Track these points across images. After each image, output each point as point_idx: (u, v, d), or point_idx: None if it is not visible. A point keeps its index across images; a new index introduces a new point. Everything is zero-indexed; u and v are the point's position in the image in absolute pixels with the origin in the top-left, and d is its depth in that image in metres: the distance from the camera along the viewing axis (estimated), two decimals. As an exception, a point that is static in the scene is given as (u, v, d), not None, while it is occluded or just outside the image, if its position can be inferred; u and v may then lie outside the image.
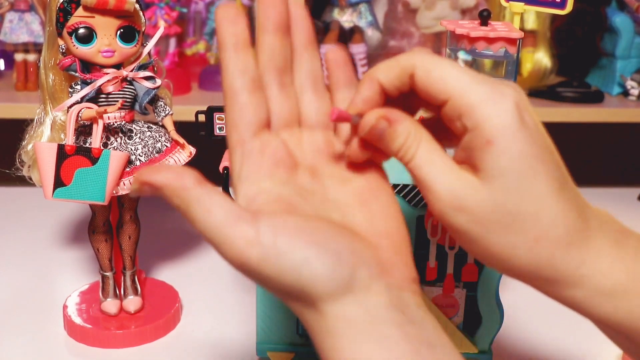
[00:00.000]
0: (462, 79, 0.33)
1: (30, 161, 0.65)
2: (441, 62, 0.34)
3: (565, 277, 0.34)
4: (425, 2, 1.10)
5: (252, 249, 0.31)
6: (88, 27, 0.60)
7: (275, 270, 0.32)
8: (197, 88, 1.12)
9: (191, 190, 0.33)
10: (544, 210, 0.33)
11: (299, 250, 0.32)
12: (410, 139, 0.34)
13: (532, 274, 0.34)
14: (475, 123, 0.33)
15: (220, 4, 0.35)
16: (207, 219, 0.32)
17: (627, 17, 1.11)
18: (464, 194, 0.33)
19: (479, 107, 0.32)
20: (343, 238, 0.33)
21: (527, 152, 0.32)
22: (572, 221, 0.34)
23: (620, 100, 1.11)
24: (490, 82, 0.33)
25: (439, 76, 0.33)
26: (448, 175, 0.34)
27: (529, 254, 0.34)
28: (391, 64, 0.35)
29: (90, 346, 0.67)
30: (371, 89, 0.35)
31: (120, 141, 0.63)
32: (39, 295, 0.77)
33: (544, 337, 0.70)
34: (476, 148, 0.33)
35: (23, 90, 1.04)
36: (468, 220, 0.33)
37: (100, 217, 0.68)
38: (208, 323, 0.72)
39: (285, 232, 0.32)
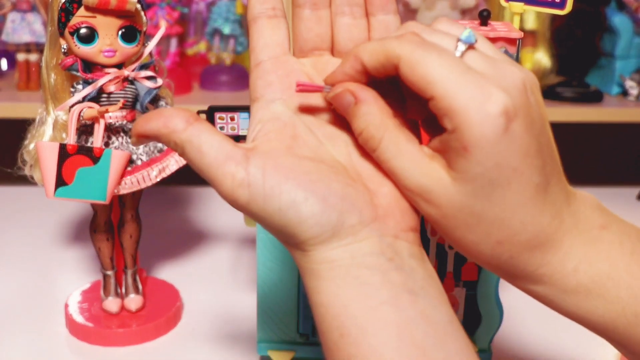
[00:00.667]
0: (446, 79, 0.31)
1: (32, 160, 0.65)
2: (427, 55, 0.31)
3: (525, 274, 0.34)
4: (426, 2, 1.10)
5: (240, 189, 0.32)
6: (90, 27, 0.60)
7: (262, 210, 0.32)
8: (198, 88, 1.12)
9: (181, 133, 0.33)
10: (511, 218, 0.33)
11: (286, 193, 0.32)
12: (373, 128, 0.33)
13: (495, 268, 0.35)
14: (454, 126, 0.31)
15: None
16: (199, 159, 0.33)
17: (626, 17, 1.11)
18: (432, 189, 0.33)
19: (460, 112, 0.30)
20: (336, 182, 0.33)
21: (503, 163, 0.31)
22: (542, 226, 0.33)
23: (620, 100, 1.11)
24: (480, 82, 0.31)
25: (423, 73, 0.31)
26: (416, 170, 0.33)
27: (491, 253, 0.34)
28: (377, 49, 0.33)
29: (92, 344, 0.67)
30: (353, 69, 0.34)
31: (121, 140, 0.64)
32: (40, 294, 0.77)
33: (544, 336, 0.70)
34: (452, 150, 0.32)
35: (25, 89, 1.04)
36: (436, 213, 0.33)
37: (102, 216, 0.68)
38: (209, 321, 0.72)
39: (274, 173, 0.32)
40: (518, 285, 0.36)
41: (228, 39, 1.11)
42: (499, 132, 0.30)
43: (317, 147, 0.35)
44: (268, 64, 0.36)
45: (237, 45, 1.12)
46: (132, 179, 0.63)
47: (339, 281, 0.32)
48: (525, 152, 0.31)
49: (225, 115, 0.64)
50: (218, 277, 0.81)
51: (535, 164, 0.32)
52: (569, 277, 0.34)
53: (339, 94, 0.34)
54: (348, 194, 0.33)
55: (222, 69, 1.10)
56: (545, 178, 0.33)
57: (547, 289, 0.35)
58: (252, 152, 0.33)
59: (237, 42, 1.12)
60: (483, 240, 0.33)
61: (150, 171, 0.64)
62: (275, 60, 0.37)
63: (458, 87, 0.31)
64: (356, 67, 0.34)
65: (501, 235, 0.33)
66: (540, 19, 1.12)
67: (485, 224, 0.33)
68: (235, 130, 0.64)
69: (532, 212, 0.33)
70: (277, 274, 0.61)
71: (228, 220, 0.94)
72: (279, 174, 0.32)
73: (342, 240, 0.32)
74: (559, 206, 0.34)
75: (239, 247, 0.88)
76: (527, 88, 0.32)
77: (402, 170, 0.33)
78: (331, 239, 0.32)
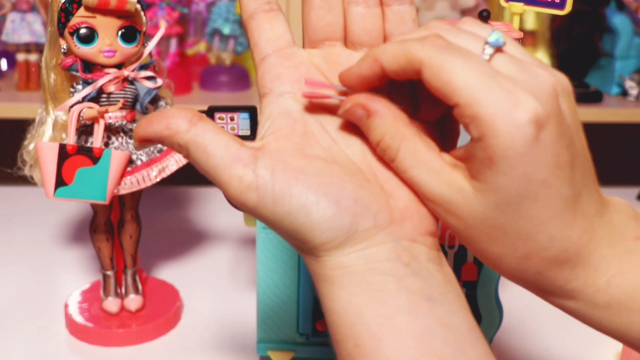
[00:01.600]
0: (472, 85, 0.29)
1: (31, 161, 0.65)
2: (452, 60, 0.29)
3: (554, 289, 0.33)
4: (425, 3, 1.10)
5: (249, 192, 0.30)
6: (89, 27, 0.60)
7: (272, 214, 0.31)
8: (198, 88, 1.12)
9: (185, 134, 0.31)
10: (538, 232, 0.31)
11: (296, 196, 0.30)
12: (389, 137, 0.32)
13: (521, 281, 0.33)
14: (480, 135, 0.29)
15: None
16: (204, 161, 0.31)
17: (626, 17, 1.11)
18: (453, 200, 0.31)
19: (487, 120, 0.29)
20: (349, 184, 0.31)
21: (531, 175, 0.29)
22: (571, 241, 0.31)
23: (619, 100, 1.11)
24: (508, 88, 0.29)
25: (448, 79, 0.29)
26: (436, 180, 0.31)
27: (517, 267, 0.32)
28: (398, 53, 0.31)
29: (92, 344, 0.67)
30: (371, 71, 0.32)
31: (121, 141, 0.64)
32: (40, 294, 0.77)
33: (544, 336, 0.70)
34: (477, 159, 0.30)
35: (25, 90, 1.04)
36: (457, 225, 0.32)
37: (102, 217, 0.68)
38: (209, 322, 0.72)
39: (284, 175, 0.30)
40: (547, 299, 0.34)
41: (228, 39, 1.11)
42: (528, 141, 0.29)
43: (330, 146, 0.33)
44: (274, 57, 0.35)
45: (237, 45, 1.12)
46: (132, 179, 0.63)
47: (352, 288, 0.31)
48: (554, 163, 0.29)
49: (225, 116, 0.64)
50: (218, 277, 0.81)
51: (565, 175, 0.30)
52: (601, 292, 0.33)
53: (349, 110, 0.32)
54: (362, 197, 0.31)
55: (222, 69, 1.10)
56: (576, 190, 0.31)
57: (577, 304, 0.33)
58: (261, 152, 0.31)
59: (237, 42, 1.12)
60: (508, 254, 0.31)
61: (150, 171, 0.64)
62: (281, 53, 0.35)
63: (484, 94, 0.29)
64: (374, 70, 0.32)
65: (527, 249, 0.31)
66: (540, 19, 1.12)
67: (510, 238, 0.31)
68: (235, 130, 0.64)
69: (561, 226, 0.31)
70: (277, 274, 0.61)
71: (228, 220, 0.94)
72: (289, 175, 0.30)
73: (356, 245, 0.31)
74: (590, 218, 0.32)
75: (239, 247, 0.88)
76: (559, 93, 0.30)
77: (421, 181, 0.32)
78: (345, 243, 0.31)
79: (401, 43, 0.31)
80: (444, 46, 0.30)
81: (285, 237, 0.32)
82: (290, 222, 0.31)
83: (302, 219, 0.30)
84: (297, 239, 0.32)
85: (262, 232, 0.60)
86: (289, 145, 0.32)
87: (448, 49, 0.30)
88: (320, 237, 0.31)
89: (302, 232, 0.31)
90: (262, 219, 0.31)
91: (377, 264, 0.31)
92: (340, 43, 0.36)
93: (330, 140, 0.33)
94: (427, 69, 0.30)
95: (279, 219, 0.31)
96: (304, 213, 0.30)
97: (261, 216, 0.31)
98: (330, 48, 0.36)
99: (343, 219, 0.30)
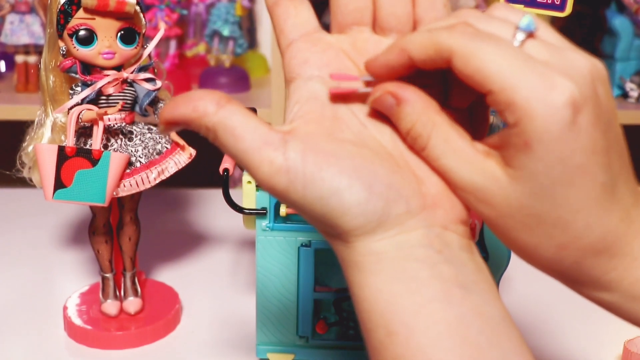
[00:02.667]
0: (505, 71, 0.28)
1: (30, 163, 0.65)
2: (483, 47, 0.29)
3: (590, 281, 0.32)
4: (425, 4, 1.10)
5: (278, 176, 0.30)
6: (88, 29, 0.60)
7: (302, 198, 0.30)
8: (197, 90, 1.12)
9: (213, 116, 0.30)
10: (576, 220, 0.30)
11: (328, 179, 0.29)
12: (421, 125, 0.31)
13: (556, 273, 0.32)
14: (516, 120, 0.28)
15: None
16: (233, 144, 0.30)
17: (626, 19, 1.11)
18: (486, 188, 0.30)
19: (523, 105, 0.28)
20: (381, 169, 0.31)
21: (568, 160, 0.29)
22: (609, 228, 0.31)
23: (620, 102, 1.11)
24: (542, 71, 0.28)
25: (479, 67, 0.29)
26: (469, 168, 0.31)
27: (553, 257, 0.31)
28: (426, 42, 0.30)
29: (91, 347, 0.67)
30: (398, 61, 0.31)
31: (120, 143, 0.64)
32: (39, 297, 0.77)
33: (544, 337, 0.70)
34: (513, 146, 0.29)
35: (24, 91, 1.04)
36: (491, 213, 0.31)
37: (101, 219, 0.68)
38: (208, 324, 0.72)
39: (315, 159, 0.30)
40: (581, 292, 0.33)
41: (227, 41, 1.11)
42: (565, 125, 0.28)
43: (360, 131, 0.32)
44: (301, 42, 0.34)
45: (237, 47, 1.12)
46: (131, 181, 0.63)
47: (384, 276, 0.30)
48: (591, 149, 0.29)
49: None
50: (217, 279, 0.81)
51: (602, 161, 0.29)
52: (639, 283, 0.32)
53: (379, 98, 0.32)
54: (395, 182, 0.30)
55: (221, 71, 1.10)
56: (612, 177, 0.30)
57: (614, 296, 0.32)
58: (291, 136, 0.30)
59: (236, 43, 1.11)
60: (544, 243, 0.31)
61: (149, 173, 0.64)
62: (308, 38, 0.34)
63: (518, 78, 0.28)
64: (402, 60, 0.31)
65: (564, 238, 0.30)
66: (540, 21, 1.12)
67: (546, 226, 0.30)
68: (234, 132, 0.64)
69: (598, 213, 0.30)
70: (276, 277, 0.61)
71: (227, 222, 0.94)
72: (320, 159, 0.30)
73: (388, 232, 0.30)
74: (628, 207, 0.31)
75: (239, 250, 0.88)
76: (595, 78, 0.29)
77: (453, 169, 0.31)
78: (376, 229, 0.30)
79: (429, 32, 0.30)
80: (473, 33, 0.29)
81: (314, 222, 0.31)
82: (322, 207, 0.30)
83: (334, 203, 0.30)
84: (327, 224, 0.31)
85: (261, 234, 0.60)
86: (318, 129, 0.31)
87: (478, 36, 0.29)
88: (352, 222, 0.30)
89: (333, 217, 0.30)
90: (291, 203, 0.31)
91: (409, 251, 0.30)
92: (369, 28, 0.35)
93: (360, 125, 0.33)
94: (458, 57, 0.29)
95: (308, 203, 0.30)
96: (336, 197, 0.30)
97: (290, 200, 0.30)
98: (358, 33, 0.35)
99: (376, 204, 0.30)
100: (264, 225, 0.60)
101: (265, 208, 0.59)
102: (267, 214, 0.59)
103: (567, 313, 0.35)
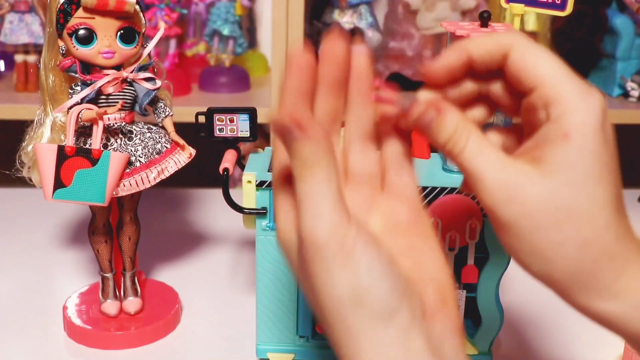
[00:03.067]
0: (556, 70, 0.33)
1: (30, 162, 0.65)
2: (538, 48, 0.34)
3: (604, 285, 0.33)
4: (426, 4, 1.10)
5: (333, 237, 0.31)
6: (88, 28, 0.60)
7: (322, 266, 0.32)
8: (197, 89, 1.12)
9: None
10: (601, 213, 0.33)
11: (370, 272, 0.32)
12: (460, 130, 0.34)
13: (571, 278, 0.34)
14: (559, 114, 0.33)
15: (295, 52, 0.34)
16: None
17: (627, 18, 1.11)
18: (518, 185, 0.33)
19: (567, 100, 0.33)
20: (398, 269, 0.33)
21: (599, 155, 0.33)
22: (622, 230, 0.33)
23: (621, 101, 1.11)
24: (581, 81, 0.33)
25: (535, 62, 0.33)
26: (500, 167, 0.33)
27: (576, 254, 0.33)
28: (485, 39, 0.35)
29: (90, 347, 0.67)
30: (458, 58, 0.35)
31: (120, 142, 0.63)
32: (38, 296, 0.77)
33: (544, 338, 0.70)
34: (550, 139, 0.33)
35: (23, 91, 1.04)
36: (518, 212, 0.33)
37: (100, 218, 0.68)
38: (208, 324, 0.72)
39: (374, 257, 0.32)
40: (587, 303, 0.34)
41: (227, 40, 1.11)
42: (598, 124, 0.32)
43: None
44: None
45: (237, 46, 1.12)
46: (131, 180, 0.63)
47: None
48: (613, 153, 0.33)
49: (224, 117, 0.64)
50: (217, 279, 0.81)
51: (616, 169, 0.34)
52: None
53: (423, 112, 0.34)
54: (406, 287, 0.33)
55: (221, 71, 1.10)
56: (619, 189, 0.34)
57: (620, 305, 0.34)
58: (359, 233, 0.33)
59: (236, 43, 1.11)
60: (570, 239, 0.33)
61: (149, 173, 0.64)
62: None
63: (566, 78, 0.33)
64: (460, 57, 0.35)
65: (589, 232, 0.33)
66: (541, 20, 1.12)
67: (574, 218, 0.33)
68: (234, 132, 0.64)
69: (616, 213, 0.33)
70: (276, 276, 0.60)
71: (227, 222, 0.94)
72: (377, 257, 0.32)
73: (390, 330, 0.32)
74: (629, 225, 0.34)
75: (239, 249, 0.88)
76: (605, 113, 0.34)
77: (486, 168, 0.33)
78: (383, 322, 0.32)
79: (488, 35, 0.35)
80: (526, 36, 0.34)
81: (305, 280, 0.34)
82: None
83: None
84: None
85: (261, 234, 0.60)
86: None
87: (531, 39, 0.34)
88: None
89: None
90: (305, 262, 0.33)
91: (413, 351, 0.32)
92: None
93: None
94: (516, 50, 0.34)
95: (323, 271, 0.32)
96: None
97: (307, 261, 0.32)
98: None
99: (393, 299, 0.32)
100: (264, 225, 0.60)
101: (265, 208, 0.59)
102: (267, 213, 0.59)
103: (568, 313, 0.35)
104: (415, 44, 1.13)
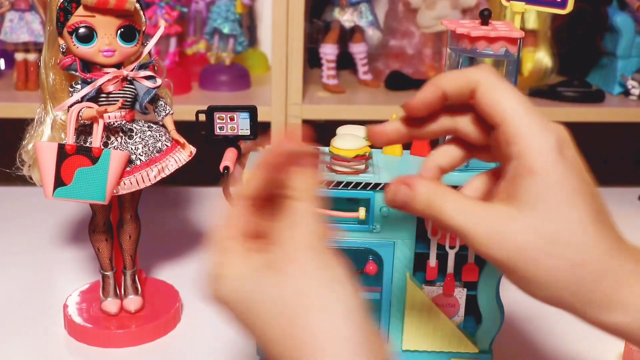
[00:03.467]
0: (516, 109, 0.36)
1: (30, 160, 0.65)
2: (503, 86, 0.36)
3: (605, 299, 0.35)
4: (426, 2, 1.10)
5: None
6: (88, 27, 0.60)
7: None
8: (197, 87, 1.12)
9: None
10: (584, 234, 0.34)
11: None
12: (433, 197, 0.37)
13: (573, 298, 0.35)
14: (520, 152, 0.35)
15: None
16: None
17: (627, 16, 1.11)
18: (502, 225, 0.35)
19: (526, 138, 0.35)
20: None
21: (565, 182, 0.34)
22: (613, 243, 0.35)
23: (621, 99, 1.11)
24: (540, 116, 0.36)
25: (498, 100, 0.36)
26: (481, 216, 0.36)
27: (571, 276, 0.35)
28: (457, 75, 0.38)
29: (91, 345, 0.67)
30: (433, 93, 0.38)
31: (120, 140, 0.63)
32: (39, 295, 0.77)
33: (545, 337, 0.70)
34: (518, 176, 0.35)
35: (23, 89, 1.04)
36: (510, 251, 0.35)
37: (101, 217, 0.68)
38: (208, 322, 0.72)
39: None
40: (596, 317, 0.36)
41: (227, 39, 1.11)
42: (556, 153, 0.35)
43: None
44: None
45: (237, 44, 1.11)
46: (131, 179, 0.63)
47: None
48: (580, 176, 0.35)
49: (224, 115, 0.63)
50: (218, 277, 0.81)
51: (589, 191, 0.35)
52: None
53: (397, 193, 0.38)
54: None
55: (221, 69, 1.10)
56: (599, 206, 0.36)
57: (626, 316, 0.35)
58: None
59: (236, 41, 1.11)
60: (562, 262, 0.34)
61: (149, 171, 0.63)
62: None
63: (525, 116, 0.35)
64: (436, 94, 0.38)
65: (578, 254, 0.34)
66: (542, 19, 1.12)
67: (561, 246, 0.34)
68: (234, 130, 0.64)
69: (600, 228, 0.35)
70: (277, 275, 0.60)
71: (228, 220, 0.94)
72: None
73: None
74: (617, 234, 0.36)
75: (239, 248, 0.88)
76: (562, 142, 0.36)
77: (469, 224, 0.36)
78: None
79: (458, 70, 0.38)
80: (496, 73, 0.37)
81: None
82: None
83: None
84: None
85: (262, 232, 0.59)
86: None
87: (500, 76, 0.37)
88: None
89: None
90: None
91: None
92: None
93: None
94: (483, 87, 0.37)
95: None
96: None
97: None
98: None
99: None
100: (265, 223, 0.59)
101: (265, 206, 0.59)
102: (267, 212, 0.59)
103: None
104: (416, 42, 1.13)
